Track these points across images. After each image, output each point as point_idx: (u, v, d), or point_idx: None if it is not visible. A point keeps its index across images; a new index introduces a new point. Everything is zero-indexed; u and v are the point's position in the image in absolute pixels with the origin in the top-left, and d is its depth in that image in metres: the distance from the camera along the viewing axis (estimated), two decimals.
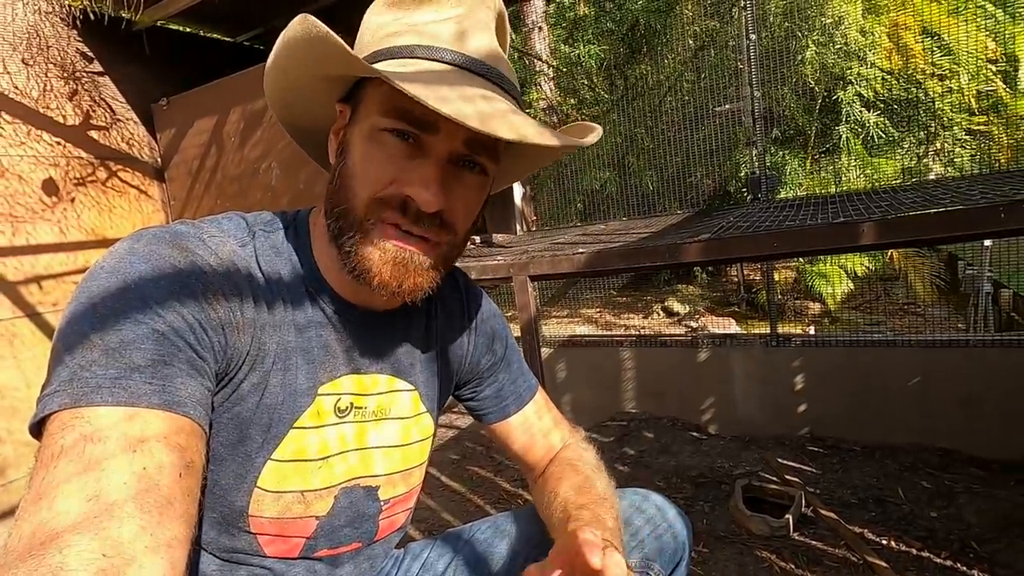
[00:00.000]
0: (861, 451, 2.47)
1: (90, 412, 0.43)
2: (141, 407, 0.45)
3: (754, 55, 3.09)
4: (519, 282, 1.80)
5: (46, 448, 0.43)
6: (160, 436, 0.45)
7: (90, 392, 0.44)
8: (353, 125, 0.60)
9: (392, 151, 0.57)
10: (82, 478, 0.40)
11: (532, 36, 6.86)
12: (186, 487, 0.45)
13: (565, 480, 0.75)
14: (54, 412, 0.44)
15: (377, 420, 0.69)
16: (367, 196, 0.57)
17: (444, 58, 0.57)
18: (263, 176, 2.49)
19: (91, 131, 2.63)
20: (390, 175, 0.57)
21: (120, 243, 0.53)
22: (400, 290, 0.58)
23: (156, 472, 0.43)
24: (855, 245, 1.34)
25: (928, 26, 4.73)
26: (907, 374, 2.53)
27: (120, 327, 0.46)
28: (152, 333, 0.47)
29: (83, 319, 0.47)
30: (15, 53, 2.40)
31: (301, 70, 0.59)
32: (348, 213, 0.58)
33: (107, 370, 0.45)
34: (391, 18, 0.61)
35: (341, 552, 0.68)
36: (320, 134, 0.69)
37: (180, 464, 0.45)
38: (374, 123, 0.57)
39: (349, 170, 0.59)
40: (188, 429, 0.47)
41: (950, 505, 1.97)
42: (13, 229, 2.37)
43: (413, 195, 0.56)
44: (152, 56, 2.73)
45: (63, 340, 0.47)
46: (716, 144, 4.50)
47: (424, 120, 0.55)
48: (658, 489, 2.25)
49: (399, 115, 0.56)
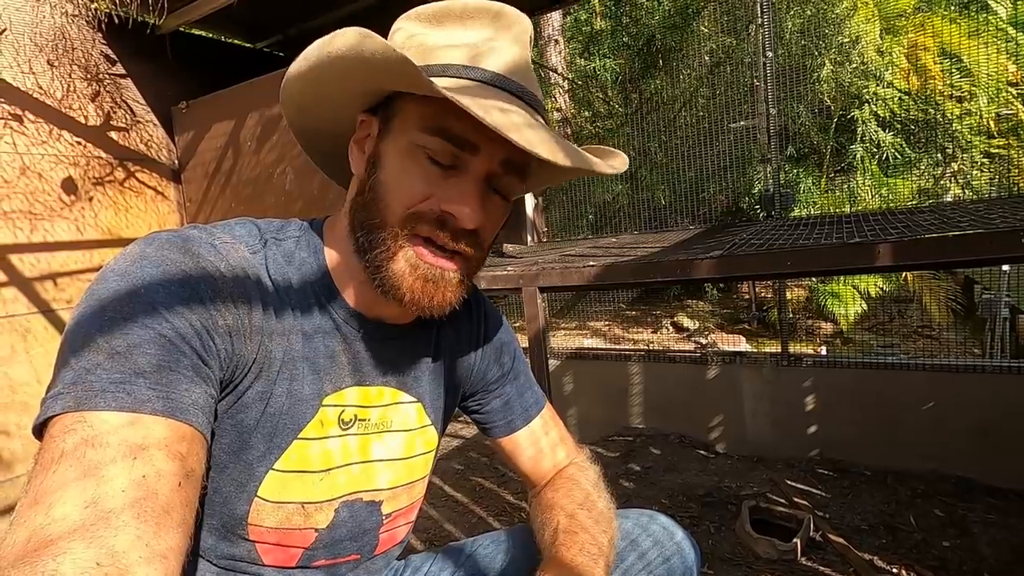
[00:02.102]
0: (872, 475, 2.42)
1: (92, 416, 0.43)
2: (144, 413, 0.44)
3: (770, 72, 3.08)
4: (528, 293, 1.79)
5: (46, 451, 0.42)
6: (161, 443, 0.44)
7: (93, 396, 0.44)
8: (386, 138, 0.60)
9: (430, 166, 0.57)
10: (80, 484, 0.40)
11: (548, 49, 6.91)
12: (185, 497, 0.44)
13: (565, 497, 0.74)
14: (56, 415, 0.44)
15: (380, 432, 0.68)
16: (402, 209, 0.57)
17: (492, 81, 0.58)
18: (277, 181, 2.51)
19: (111, 132, 2.67)
20: (428, 190, 0.57)
21: (131, 246, 0.53)
22: (430, 306, 0.59)
23: (155, 480, 0.42)
24: (870, 266, 1.32)
25: (947, 47, 4.70)
26: (921, 398, 2.48)
27: (126, 331, 0.46)
28: (158, 338, 0.47)
29: (90, 322, 0.47)
30: (41, 54, 2.46)
31: (345, 83, 0.58)
32: (381, 227, 0.58)
33: (111, 374, 0.44)
34: (429, 32, 0.61)
35: (340, 563, 0.67)
36: (329, 142, 0.68)
37: (180, 473, 0.44)
38: (413, 138, 0.57)
39: (383, 184, 0.58)
40: (190, 437, 0.47)
41: (964, 535, 1.92)
42: (31, 226, 2.40)
43: (454, 212, 0.57)
44: (174, 60, 2.78)
45: (69, 342, 0.47)
46: (730, 160, 4.49)
47: (467, 140, 0.56)
48: (663, 507, 2.23)
49: (443, 134, 0.56)
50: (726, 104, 4.74)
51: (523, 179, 0.62)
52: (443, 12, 0.61)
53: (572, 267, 1.76)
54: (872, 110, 4.75)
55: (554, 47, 6.96)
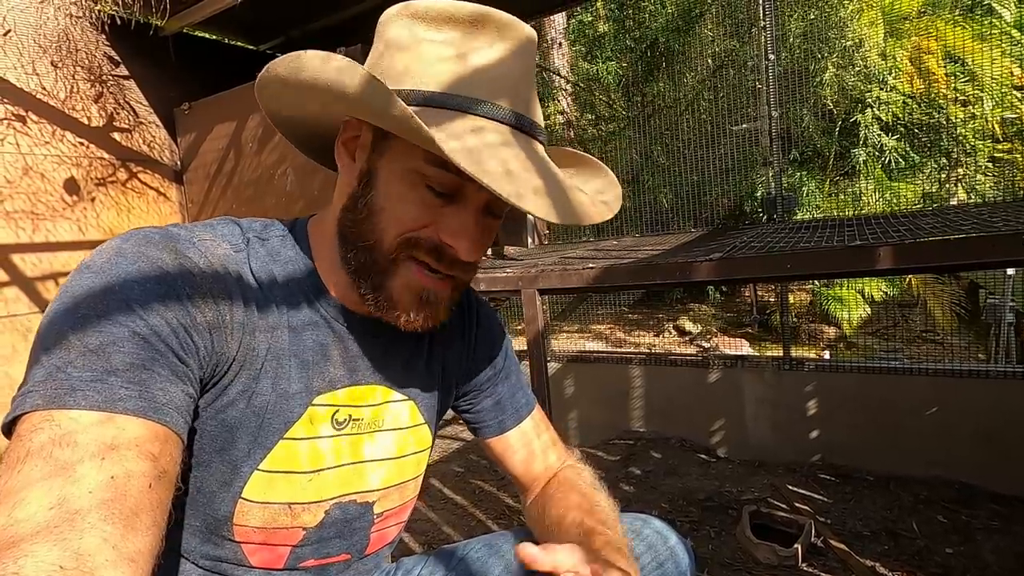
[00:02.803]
0: (874, 481, 2.40)
1: (61, 415, 0.42)
2: (115, 412, 0.43)
3: (773, 75, 3.07)
4: (528, 295, 1.78)
5: (13, 450, 0.41)
6: (132, 443, 0.43)
7: (64, 394, 0.43)
8: (382, 157, 0.57)
9: (428, 195, 0.57)
10: (46, 483, 0.39)
11: (551, 52, 6.92)
12: (156, 498, 0.43)
13: (571, 500, 0.72)
14: (26, 412, 0.43)
15: (371, 432, 0.68)
16: (398, 234, 0.57)
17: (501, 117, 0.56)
18: (278, 181, 2.51)
19: (114, 133, 2.68)
20: (426, 219, 0.57)
21: (109, 242, 0.52)
22: (424, 325, 0.60)
23: (125, 481, 0.42)
24: (872, 269, 1.31)
25: (952, 51, 4.68)
26: (924, 404, 2.46)
27: (100, 328, 0.45)
28: (132, 336, 0.46)
29: (64, 319, 0.46)
30: (45, 55, 2.47)
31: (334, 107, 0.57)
32: (375, 248, 0.57)
33: (83, 372, 0.44)
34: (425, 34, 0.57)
35: (329, 563, 0.67)
36: (305, 127, 0.66)
37: (151, 473, 0.44)
38: (415, 166, 0.55)
39: (378, 206, 0.57)
40: (163, 436, 0.46)
41: (967, 541, 1.90)
42: (34, 226, 2.42)
43: (453, 244, 0.57)
44: (177, 62, 2.79)
45: (42, 339, 0.46)
46: (732, 163, 4.48)
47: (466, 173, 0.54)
48: (663, 512, 2.22)
49: (445, 166, 0.54)
50: (729, 107, 4.73)
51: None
52: (442, 15, 0.57)
53: (572, 269, 1.75)
54: (875, 114, 4.74)
55: (557, 50, 6.97)
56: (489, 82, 0.56)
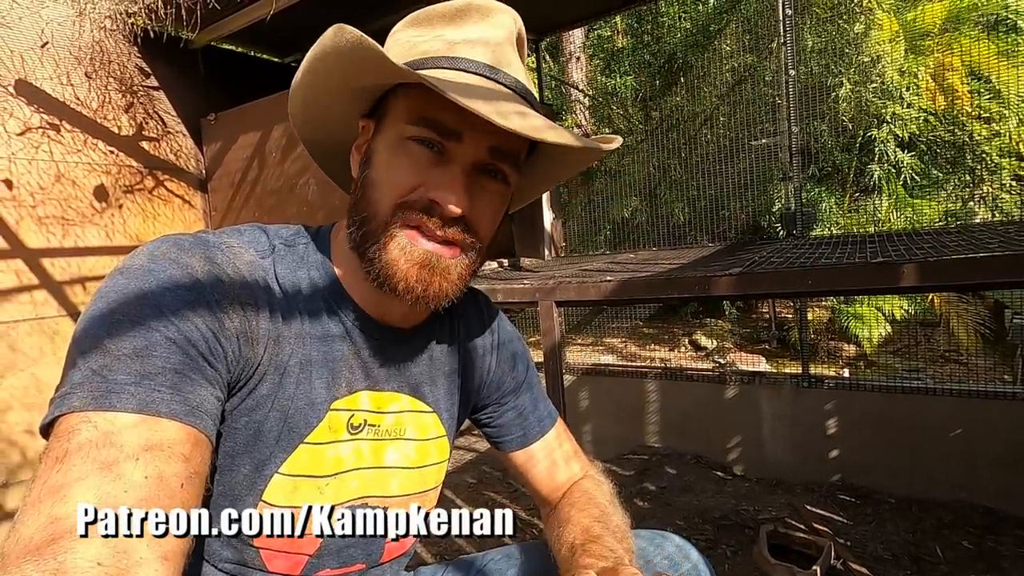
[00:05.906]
0: (896, 503, 2.35)
1: (99, 416, 0.44)
2: (149, 414, 0.45)
3: (792, 90, 3.06)
4: (544, 307, 1.79)
5: (52, 450, 0.43)
6: (165, 444, 0.45)
7: (100, 397, 0.44)
8: (378, 135, 0.61)
9: (417, 158, 0.58)
10: (85, 482, 0.40)
11: (569, 65, 6.97)
12: (187, 498, 0.45)
13: (581, 511, 0.72)
14: (63, 414, 0.44)
15: (394, 439, 0.68)
16: (391, 201, 0.58)
17: (477, 70, 0.59)
18: (300, 191, 2.56)
19: (143, 142, 2.75)
20: (415, 180, 0.58)
21: (141, 248, 0.54)
22: (425, 294, 0.58)
23: (159, 481, 0.43)
24: (896, 286, 1.29)
25: (976, 68, 4.63)
26: (948, 425, 2.41)
27: (135, 334, 0.47)
28: (165, 341, 0.48)
29: (99, 324, 0.48)
30: (79, 66, 2.55)
31: (331, 81, 0.60)
32: (372, 219, 0.59)
33: (120, 376, 0.45)
34: (417, 33, 0.63)
35: (346, 572, 0.67)
36: (341, 154, 0.69)
37: (183, 474, 0.45)
38: (400, 131, 0.58)
39: (373, 178, 0.60)
40: (195, 439, 0.47)
41: (993, 568, 1.85)
42: (64, 231, 2.48)
43: (439, 199, 0.57)
44: (205, 73, 2.87)
45: (78, 344, 0.48)
46: (751, 178, 4.45)
47: (450, 129, 0.57)
48: (678, 529, 2.19)
49: (426, 124, 0.57)
50: (747, 122, 4.71)
51: (517, 167, 0.62)
52: (432, 14, 0.63)
53: (589, 282, 1.75)
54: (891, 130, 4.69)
55: (575, 63, 7.02)
56: (467, 44, 0.60)
